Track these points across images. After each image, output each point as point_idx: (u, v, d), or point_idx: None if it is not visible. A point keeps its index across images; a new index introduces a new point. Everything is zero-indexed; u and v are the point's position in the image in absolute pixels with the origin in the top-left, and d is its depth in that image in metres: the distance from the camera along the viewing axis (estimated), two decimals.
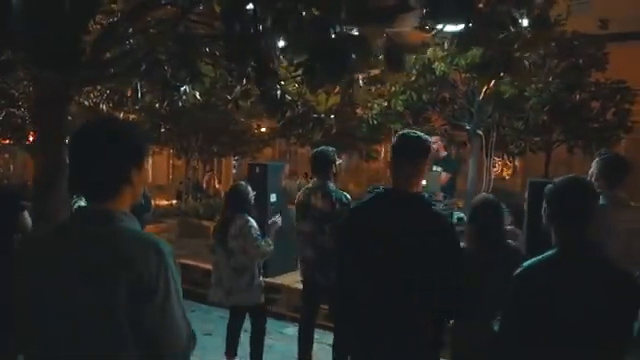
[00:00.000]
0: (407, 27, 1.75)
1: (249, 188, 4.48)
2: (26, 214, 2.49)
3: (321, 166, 4.34)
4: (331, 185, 4.32)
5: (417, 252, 2.22)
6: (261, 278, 4.41)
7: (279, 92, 3.59)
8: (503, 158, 10.81)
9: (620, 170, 3.41)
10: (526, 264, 2.05)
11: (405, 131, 2.44)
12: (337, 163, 4.43)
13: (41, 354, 1.44)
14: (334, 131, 4.34)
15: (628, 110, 8.32)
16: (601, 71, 8.08)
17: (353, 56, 1.80)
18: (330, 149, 4.40)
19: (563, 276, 1.97)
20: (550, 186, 2.10)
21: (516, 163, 11.17)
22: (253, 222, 4.26)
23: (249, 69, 2.12)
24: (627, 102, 8.30)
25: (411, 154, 2.35)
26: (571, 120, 7.55)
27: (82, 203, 4.83)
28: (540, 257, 2.05)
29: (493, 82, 2.01)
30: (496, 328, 2.15)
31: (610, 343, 1.93)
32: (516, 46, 1.95)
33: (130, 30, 3.23)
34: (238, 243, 4.21)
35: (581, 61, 7.04)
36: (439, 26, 1.99)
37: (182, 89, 3.88)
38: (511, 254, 2.92)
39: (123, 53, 3.16)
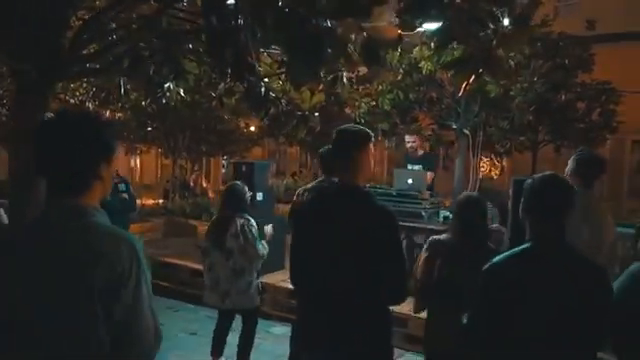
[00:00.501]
0: (383, 22, 1.76)
1: (245, 188, 4.42)
2: (2, 211, 2.45)
3: (330, 164, 4.22)
4: None
5: (358, 244, 2.28)
6: (259, 280, 4.33)
7: (263, 89, 3.56)
8: (491, 158, 10.89)
9: (595, 168, 3.43)
10: (496, 259, 2.05)
11: (343, 126, 2.49)
12: None
13: (20, 351, 1.42)
14: (318, 129, 4.33)
15: (613, 111, 8.40)
16: (587, 72, 8.15)
17: (329, 50, 1.81)
18: None
19: (537, 271, 1.98)
20: (529, 181, 2.11)
21: (504, 163, 11.24)
22: (254, 222, 4.21)
23: (227, 64, 2.11)
24: (612, 103, 8.38)
25: (348, 148, 2.39)
26: (557, 120, 7.61)
27: None
28: (511, 252, 2.05)
29: (473, 79, 2.01)
30: (464, 321, 2.16)
31: (581, 340, 1.94)
32: (495, 43, 1.96)
33: (113, 25, 3.20)
34: (238, 243, 4.11)
35: (567, 61, 7.09)
36: (417, 24, 1.99)
37: (166, 86, 3.84)
38: (491, 256, 2.92)
39: (104, 48, 3.13)
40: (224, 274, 4.18)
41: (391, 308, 2.51)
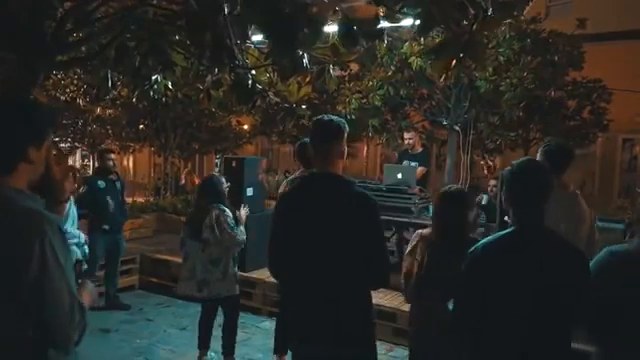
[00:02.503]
0: (360, 1, 1.76)
1: (223, 179, 4.50)
2: None
3: (305, 157, 4.30)
4: None
5: (340, 229, 2.32)
6: (236, 269, 4.38)
7: (250, 81, 3.55)
8: (484, 158, 10.89)
9: (564, 157, 3.45)
10: (479, 244, 2.07)
11: (319, 116, 2.57)
12: None
13: None
14: (304, 121, 4.32)
15: (604, 109, 8.43)
16: (578, 70, 8.17)
17: (305, 30, 1.80)
18: None
19: (517, 255, 2.00)
20: (507, 169, 2.14)
21: (495, 161, 11.27)
22: (228, 212, 4.26)
23: (206, 48, 2.10)
24: (603, 101, 8.41)
25: (325, 136, 2.46)
26: (548, 117, 7.63)
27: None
28: (493, 236, 2.08)
29: (454, 64, 1.97)
30: (450, 307, 2.18)
31: (560, 322, 1.96)
32: (475, 27, 1.96)
33: (97, 16, 3.18)
34: (213, 234, 4.19)
35: (557, 58, 7.11)
36: (397, 8, 1.98)
37: (153, 78, 3.82)
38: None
39: (87, 36, 3.10)
40: (200, 264, 4.27)
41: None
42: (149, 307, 6.19)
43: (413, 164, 6.15)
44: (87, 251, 4.58)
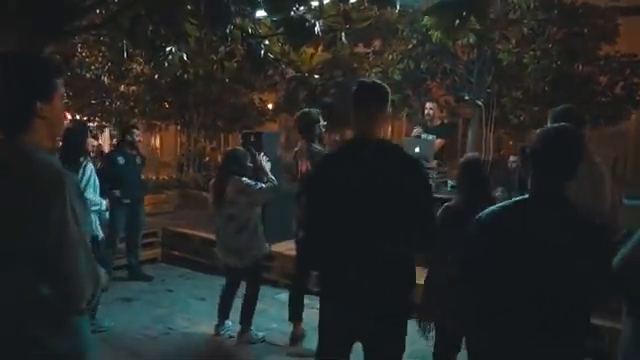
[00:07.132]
0: None
1: (248, 155, 4.48)
2: None
3: (305, 127, 4.30)
4: (315, 146, 4.29)
5: (387, 191, 2.25)
6: (262, 228, 4.41)
7: (262, 51, 3.54)
8: (509, 133, 10.64)
9: (572, 120, 3.24)
10: (491, 208, 2.01)
11: (362, 79, 2.46)
12: (321, 124, 4.37)
13: None
14: (319, 90, 4.28)
15: (638, 84, 8.07)
16: (611, 44, 7.83)
17: None
18: (314, 110, 4.38)
19: (529, 221, 1.93)
20: (537, 131, 2.06)
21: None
22: (245, 179, 4.27)
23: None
24: (637, 76, 8.05)
25: (370, 99, 2.37)
26: (576, 93, 7.36)
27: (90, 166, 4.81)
28: (506, 202, 2.01)
29: (458, 24, 1.91)
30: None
31: (573, 291, 1.89)
32: None
33: None
34: (239, 204, 4.23)
35: (586, 30, 6.80)
36: None
37: (167, 49, 3.86)
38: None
39: (100, 2, 3.13)
40: (227, 236, 4.35)
41: None
42: (171, 279, 6.34)
43: (430, 137, 6.01)
44: (107, 217, 4.83)
